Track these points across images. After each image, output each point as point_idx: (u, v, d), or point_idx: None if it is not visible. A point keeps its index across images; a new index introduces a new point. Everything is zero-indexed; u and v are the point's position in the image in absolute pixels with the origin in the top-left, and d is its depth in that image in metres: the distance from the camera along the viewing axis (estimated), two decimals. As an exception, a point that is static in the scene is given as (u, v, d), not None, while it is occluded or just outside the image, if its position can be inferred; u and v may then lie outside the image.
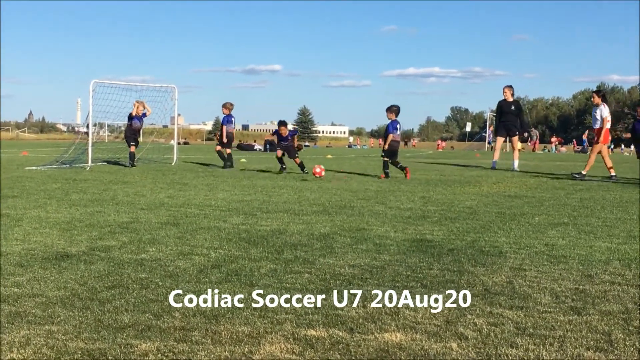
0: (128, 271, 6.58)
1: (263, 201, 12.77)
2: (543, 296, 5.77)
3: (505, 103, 23.32)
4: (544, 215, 10.92)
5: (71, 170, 21.32)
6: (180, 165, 25.66)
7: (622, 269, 6.86)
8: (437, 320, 5.03)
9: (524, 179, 19.50)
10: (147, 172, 21.31)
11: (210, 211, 11.10)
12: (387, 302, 5.44)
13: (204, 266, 6.83)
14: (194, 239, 8.45)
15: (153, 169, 22.86)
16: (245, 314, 5.13)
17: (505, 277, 6.46)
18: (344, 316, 5.11)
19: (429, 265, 6.99)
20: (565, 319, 5.10)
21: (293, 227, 9.43)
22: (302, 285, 6.09)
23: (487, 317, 5.12)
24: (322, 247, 7.98)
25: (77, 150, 26.18)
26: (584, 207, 12.22)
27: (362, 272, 6.65)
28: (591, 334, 4.72)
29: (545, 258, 7.42)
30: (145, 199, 12.98)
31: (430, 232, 9.09)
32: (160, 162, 27.44)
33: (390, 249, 7.86)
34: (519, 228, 9.55)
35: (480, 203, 12.71)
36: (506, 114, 23.15)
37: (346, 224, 9.82)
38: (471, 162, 33.34)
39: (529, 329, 4.84)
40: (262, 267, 6.80)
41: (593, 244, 8.31)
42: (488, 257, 7.43)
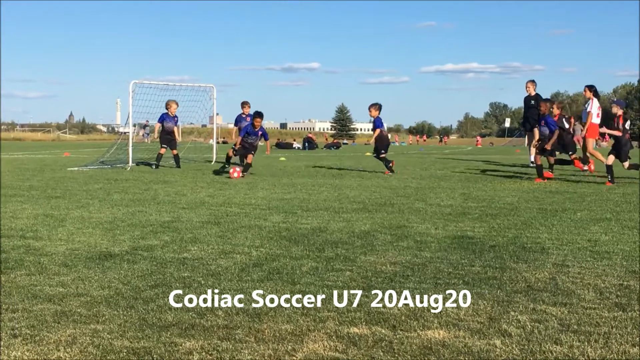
0: (170, 270, 6.63)
1: (303, 199, 12.79)
2: (587, 292, 5.73)
3: (528, 98, 23.34)
4: (586, 211, 10.83)
5: (112, 171, 21.48)
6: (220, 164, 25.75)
7: (667, 265, 6.80)
8: (480, 317, 5.01)
9: (563, 174, 19.34)
10: (187, 171, 21.41)
11: (250, 210, 11.14)
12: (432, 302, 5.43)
13: (246, 265, 6.87)
14: (235, 237, 8.48)
15: (193, 168, 22.97)
16: (287, 312, 5.15)
17: (548, 274, 6.43)
18: (386, 314, 5.11)
19: (471, 262, 6.97)
20: (609, 315, 5.06)
21: (333, 225, 9.44)
22: (344, 282, 6.10)
23: (530, 314, 5.09)
24: (362, 244, 7.98)
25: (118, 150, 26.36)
26: (626, 202, 12.10)
27: (404, 269, 6.64)
28: (637, 331, 4.68)
29: (588, 254, 7.37)
30: (186, 198, 13.05)
31: (471, 229, 9.06)
32: (199, 162, 27.55)
33: (431, 246, 7.84)
34: (561, 224, 9.48)
35: (521, 199, 12.64)
36: (530, 109, 23.15)
37: (386, 221, 9.81)
38: (511, 159, 33.13)
39: (573, 325, 4.81)
40: (304, 265, 6.82)
41: (637, 240, 8.24)
42: (530, 254, 7.39)
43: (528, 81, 23.45)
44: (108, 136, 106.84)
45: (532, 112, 23.01)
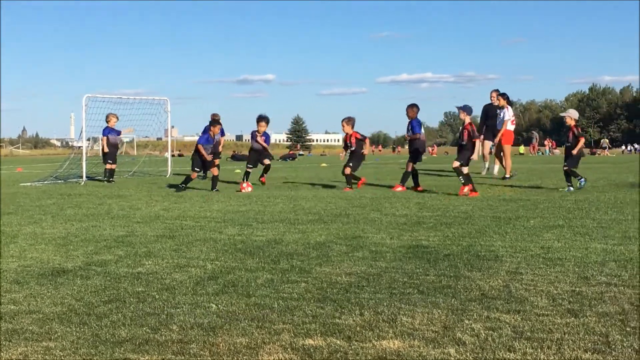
0: (125, 285, 6.58)
1: (258, 211, 12.77)
2: (540, 299, 5.78)
3: (491, 107, 23.16)
4: (539, 218, 10.93)
5: (66, 186, 21.30)
6: (176, 177, 25.63)
7: (618, 270, 6.88)
8: (434, 326, 5.03)
9: (518, 182, 19.53)
10: (142, 185, 21.29)
11: (205, 223, 11.10)
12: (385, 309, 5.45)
13: (201, 278, 6.84)
14: (190, 251, 8.45)
15: (148, 182, 22.85)
16: (242, 325, 5.13)
17: (501, 281, 6.47)
18: (341, 324, 5.11)
19: (426, 271, 7.00)
20: (562, 321, 5.10)
21: (289, 237, 9.44)
22: (299, 294, 6.10)
23: (484, 322, 5.13)
24: (318, 255, 7.98)
25: (71, 165, 26.12)
26: (578, 208, 12.23)
27: (359, 279, 6.65)
28: (588, 336, 4.73)
29: (541, 261, 7.44)
30: (141, 212, 12.97)
31: (426, 238, 9.10)
32: (155, 175, 27.41)
33: (387, 256, 7.87)
34: (515, 232, 9.56)
35: (475, 207, 12.73)
36: (492, 118, 23.01)
37: (342, 232, 9.83)
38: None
39: (527, 332, 4.84)
40: (259, 278, 6.81)
41: (588, 246, 8.32)
42: (484, 262, 7.44)
43: (493, 90, 23.10)
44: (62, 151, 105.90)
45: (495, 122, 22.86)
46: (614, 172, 24.75)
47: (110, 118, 23.61)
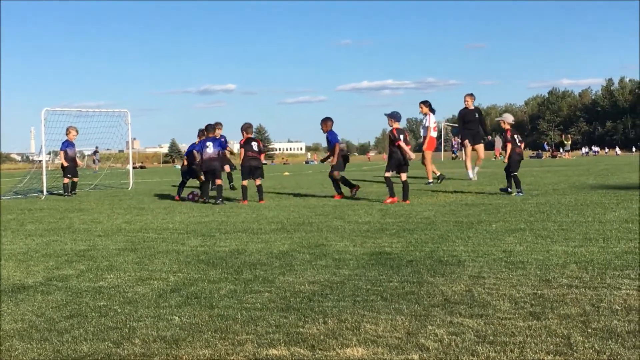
0: (86, 300, 6.52)
1: (221, 222, 12.73)
2: (502, 303, 5.81)
3: (467, 111, 23.20)
4: (501, 222, 11.00)
5: (26, 201, 21.09)
6: (137, 190, 25.50)
7: (579, 272, 6.93)
8: (398, 333, 5.04)
9: (480, 187, 19.64)
10: (103, 198, 21.14)
11: (168, 234, 11.05)
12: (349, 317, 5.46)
13: (163, 290, 6.79)
14: (152, 263, 8.40)
15: (110, 195, 22.69)
16: (206, 337, 5.10)
17: (464, 286, 6.50)
18: (305, 334, 5.10)
19: (389, 277, 7.01)
20: (524, 324, 5.13)
21: (252, 247, 9.41)
22: (263, 304, 6.08)
23: (447, 327, 5.14)
24: (281, 265, 7.97)
25: (32, 179, 25.90)
26: (540, 211, 12.32)
27: (322, 288, 6.65)
28: (550, 338, 4.76)
29: (504, 265, 7.48)
30: (102, 225, 12.88)
31: (389, 245, 9.12)
32: (116, 188, 27.24)
33: (350, 264, 7.87)
34: (477, 236, 9.61)
35: (438, 213, 12.78)
36: (470, 122, 22.94)
37: (305, 240, 9.82)
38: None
39: (489, 336, 4.86)
40: (222, 289, 6.78)
41: (550, 248, 8.38)
42: (447, 267, 7.47)
43: (466, 95, 23.01)
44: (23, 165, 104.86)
45: (472, 126, 22.80)
46: (574, 175, 24.98)
47: (70, 131, 23.47)
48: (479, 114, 23.23)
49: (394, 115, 16.71)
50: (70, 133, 23.41)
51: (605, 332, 4.87)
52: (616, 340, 4.66)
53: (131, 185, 27.16)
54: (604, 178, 22.20)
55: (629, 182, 19.43)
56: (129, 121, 27.74)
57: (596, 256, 7.77)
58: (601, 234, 9.37)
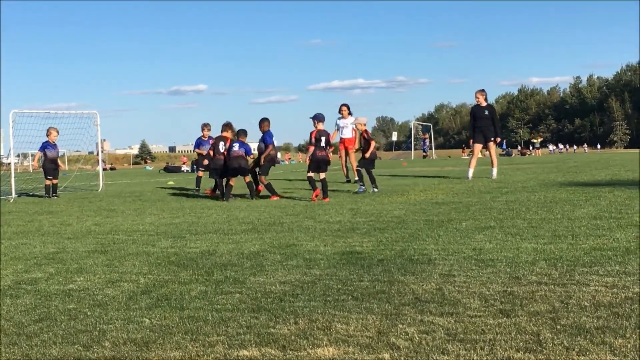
0: (55, 303, 6.48)
1: (192, 223, 12.70)
2: (472, 301, 5.84)
3: (478, 108, 22.62)
4: (471, 220, 11.05)
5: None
6: (108, 192, 25.35)
7: (549, 269, 6.98)
8: (369, 332, 5.05)
9: (450, 185, 19.72)
10: (73, 200, 21.00)
11: (138, 236, 11.00)
12: (320, 317, 5.46)
13: (134, 293, 6.76)
14: (122, 265, 8.36)
15: (79, 197, 22.54)
16: (176, 339, 5.09)
17: (434, 284, 6.52)
18: (276, 334, 5.10)
19: (360, 277, 7.02)
20: (494, 322, 5.16)
21: (223, 248, 9.39)
22: (233, 305, 6.07)
23: (418, 326, 5.15)
24: (252, 265, 7.96)
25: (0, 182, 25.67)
26: (509, 209, 12.38)
27: (293, 288, 6.65)
28: (520, 335, 4.79)
29: (474, 262, 7.51)
30: (72, 228, 12.80)
31: (360, 244, 9.14)
32: (86, 190, 27.07)
33: (321, 264, 7.87)
34: (447, 234, 9.64)
35: (408, 212, 12.81)
36: (480, 119, 22.11)
37: (276, 240, 9.81)
38: (398, 172, 33.55)
39: (460, 334, 4.88)
40: (192, 290, 6.76)
41: (519, 246, 8.43)
42: (417, 265, 7.49)
43: (477, 91, 22.62)
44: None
45: (484, 123, 22.18)
46: (543, 172, 25.12)
47: (51, 132, 23.17)
48: (490, 112, 22.54)
49: (317, 116, 17.38)
50: (50, 134, 23.13)
51: (574, 328, 4.90)
52: (585, 337, 4.69)
53: (101, 187, 27.00)
54: (573, 175, 22.35)
55: (597, 179, 19.57)
56: (98, 122, 27.57)
57: (565, 253, 7.83)
58: (570, 230, 9.43)
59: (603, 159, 40.58)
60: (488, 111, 22.37)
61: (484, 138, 22.31)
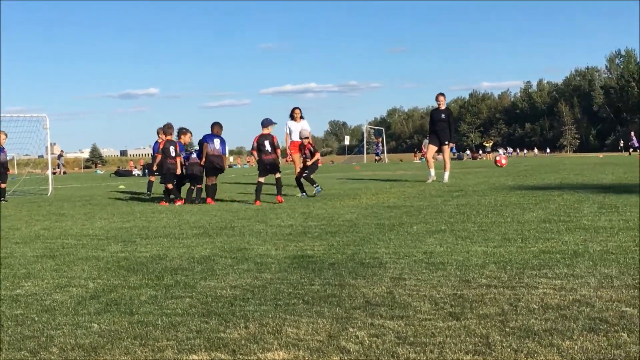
0: (2, 308, 6.38)
1: (142, 227, 12.60)
2: (423, 304, 5.86)
3: (437, 112, 23.04)
4: (422, 224, 11.10)
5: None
6: (57, 196, 25.09)
7: (498, 272, 7.03)
8: (319, 336, 5.04)
9: (401, 189, 19.81)
10: (22, 204, 20.75)
11: (88, 241, 10.89)
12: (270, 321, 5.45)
13: (82, 298, 6.69)
14: (71, 270, 8.26)
15: (28, 201, 22.29)
16: (125, 344, 5.04)
17: (385, 288, 6.53)
18: (226, 338, 5.07)
19: (311, 281, 7.01)
20: (444, 325, 5.18)
21: (173, 252, 9.33)
22: (183, 310, 6.02)
23: (368, 329, 5.16)
24: (203, 270, 7.92)
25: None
26: (460, 213, 12.47)
27: (244, 292, 6.62)
28: (469, 338, 4.81)
29: (424, 266, 7.54)
30: (20, 232, 12.63)
31: (311, 248, 9.13)
32: (36, 194, 26.76)
33: (272, 267, 7.86)
34: (398, 238, 9.68)
35: (360, 215, 12.84)
36: (438, 123, 22.62)
37: (227, 244, 9.78)
38: (350, 175, 33.64)
39: (410, 337, 4.90)
40: (142, 295, 6.70)
41: (470, 249, 8.49)
42: (368, 269, 7.50)
43: (438, 94, 22.92)
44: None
45: (441, 126, 22.43)
46: (494, 176, 25.36)
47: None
48: (447, 115, 22.81)
49: (262, 122, 17.88)
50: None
51: (523, 330, 4.94)
52: (533, 339, 4.73)
53: (50, 191, 26.72)
54: (523, 179, 22.58)
55: (546, 183, 19.79)
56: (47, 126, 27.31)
57: (514, 256, 7.90)
58: (519, 234, 9.52)
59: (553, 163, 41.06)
60: (445, 115, 22.67)
61: (439, 141, 22.59)
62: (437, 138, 22.71)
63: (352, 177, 30.42)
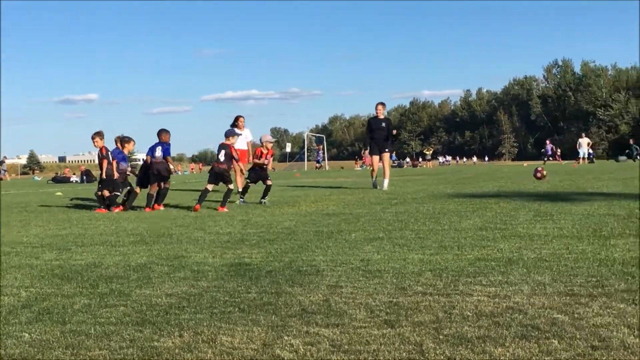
0: None
1: (78, 234, 12.44)
2: (358, 312, 5.86)
3: (375, 120, 23.29)
4: (360, 231, 11.13)
5: None
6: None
7: (434, 279, 7.07)
8: (254, 344, 5.01)
9: (341, 197, 19.85)
10: (-45, 211, 20.37)
11: (22, 248, 10.70)
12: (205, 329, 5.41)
13: (14, 307, 6.57)
14: (3, 279, 8.11)
15: (-38, 208, 21.89)
16: (56, 354, 4.95)
17: (322, 296, 6.53)
18: (159, 347, 5.02)
19: (247, 288, 6.98)
20: (379, 332, 5.19)
21: (109, 260, 9.23)
22: (117, 318, 5.95)
23: (303, 337, 5.15)
24: (138, 278, 7.84)
25: None
26: (398, 220, 12.53)
27: (180, 300, 6.56)
28: (403, 346, 4.82)
29: (361, 273, 7.55)
30: (-48, 240, 12.39)
31: (249, 256, 9.10)
32: (-30, 200, 26.31)
33: (209, 275, 7.81)
34: (336, 245, 9.69)
35: (299, 223, 12.84)
36: (377, 131, 22.94)
37: (164, 252, 9.70)
38: (291, 183, 33.63)
39: (344, 345, 4.89)
40: (76, 303, 6.61)
41: (407, 257, 8.53)
42: (305, 277, 7.50)
43: (378, 103, 23.23)
44: None
45: (380, 135, 22.71)
46: (433, 184, 25.56)
47: None
48: (387, 124, 23.14)
49: (225, 132, 18.31)
50: None
51: (457, 338, 4.97)
52: (466, 346, 4.76)
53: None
54: (461, 187, 22.79)
55: (484, 191, 20.00)
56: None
57: (450, 264, 7.95)
58: (456, 241, 9.60)
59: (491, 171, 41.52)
60: (385, 123, 22.96)
61: (379, 149, 22.83)
62: (376, 146, 22.96)
63: (292, 185, 30.41)
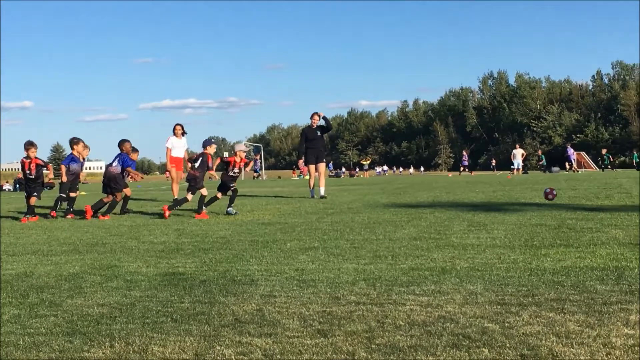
0: None
1: (9, 243, 12.24)
2: (292, 321, 5.86)
3: (310, 129, 23.40)
4: (295, 241, 11.13)
5: None
6: None
7: (368, 289, 7.10)
8: (186, 354, 4.99)
9: (277, 206, 19.83)
10: None
11: (-49, 258, 10.51)
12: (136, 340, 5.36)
13: (-59, 317, 6.45)
14: None
15: None
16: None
17: (255, 305, 6.52)
18: (90, 358, 4.97)
19: (180, 298, 6.94)
20: (312, 342, 5.20)
21: (40, 269, 9.10)
22: (47, 329, 5.87)
23: (236, 347, 5.13)
24: (70, 287, 7.74)
25: None
26: (334, 230, 12.56)
27: (111, 310, 6.50)
28: (336, 355, 4.84)
29: (295, 283, 7.56)
30: None
31: (183, 265, 9.05)
32: None
33: (142, 285, 7.74)
34: (271, 255, 9.68)
35: (234, 232, 12.80)
36: (313, 140, 23.15)
37: (97, 262, 9.59)
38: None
39: (277, 355, 4.90)
40: (5, 314, 6.50)
41: (341, 266, 8.55)
42: (239, 286, 7.48)
43: (314, 113, 23.35)
44: None
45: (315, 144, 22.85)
46: (369, 194, 25.66)
47: None
48: (321, 132, 23.31)
49: (202, 142, 18.83)
50: None
51: (389, 347, 5.00)
52: (398, 355, 4.80)
53: None
54: (397, 197, 22.91)
55: (419, 201, 20.13)
56: None
57: (384, 273, 8.00)
58: (390, 251, 9.65)
59: (427, 181, 41.79)
60: (320, 132, 23.13)
61: (315, 159, 22.97)
62: (314, 156, 23.10)
63: (229, 194, 30.27)
